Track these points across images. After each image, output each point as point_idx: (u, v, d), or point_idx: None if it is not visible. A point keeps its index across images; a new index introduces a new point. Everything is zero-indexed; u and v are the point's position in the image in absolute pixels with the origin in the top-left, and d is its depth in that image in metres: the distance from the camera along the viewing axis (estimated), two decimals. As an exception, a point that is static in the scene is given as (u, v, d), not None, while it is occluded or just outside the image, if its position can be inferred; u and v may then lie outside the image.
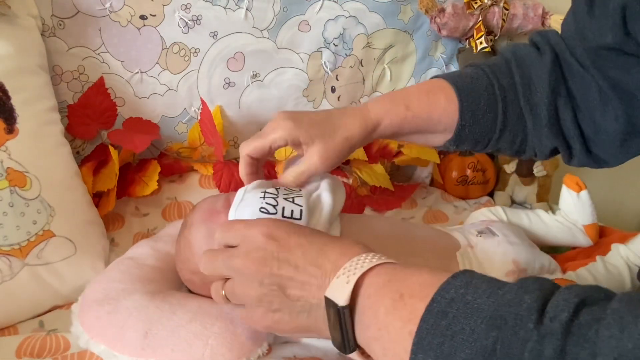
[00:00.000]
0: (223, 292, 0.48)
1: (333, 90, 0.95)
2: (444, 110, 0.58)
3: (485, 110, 0.58)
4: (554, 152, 0.60)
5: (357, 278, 0.40)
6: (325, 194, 0.57)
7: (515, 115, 0.59)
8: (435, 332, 0.34)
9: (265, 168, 0.91)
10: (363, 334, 0.39)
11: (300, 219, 0.52)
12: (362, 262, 0.41)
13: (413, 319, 0.35)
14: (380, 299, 0.38)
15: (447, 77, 0.60)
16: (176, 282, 0.65)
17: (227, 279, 0.48)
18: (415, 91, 0.60)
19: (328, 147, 0.56)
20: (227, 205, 0.62)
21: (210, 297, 0.61)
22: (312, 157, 0.56)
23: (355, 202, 0.86)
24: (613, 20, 0.49)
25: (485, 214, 0.79)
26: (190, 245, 0.61)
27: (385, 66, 0.97)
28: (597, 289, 0.34)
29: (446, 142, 0.60)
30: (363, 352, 0.41)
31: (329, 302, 0.40)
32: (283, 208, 0.52)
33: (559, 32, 0.60)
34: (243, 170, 0.59)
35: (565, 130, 0.58)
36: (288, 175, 0.58)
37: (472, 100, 0.58)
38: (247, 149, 0.57)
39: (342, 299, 0.39)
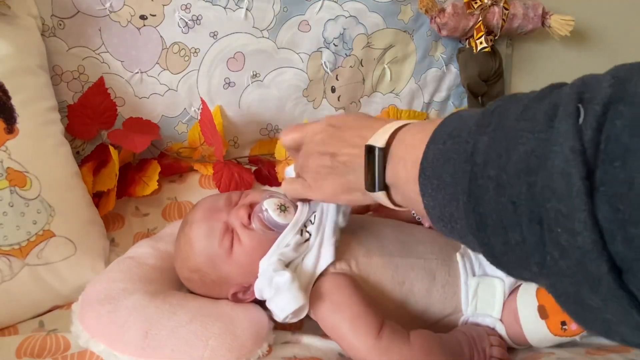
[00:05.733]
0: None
1: (333, 90, 0.95)
2: None
3: None
4: None
5: (395, 128, 0.45)
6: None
7: None
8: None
9: (266, 168, 0.91)
10: (391, 169, 0.44)
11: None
12: (398, 123, 0.46)
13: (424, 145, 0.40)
14: (406, 135, 0.44)
15: None
16: (177, 282, 0.65)
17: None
18: None
19: None
20: (229, 203, 0.63)
21: (210, 297, 0.62)
22: None
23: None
24: None
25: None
26: (191, 243, 0.61)
27: (385, 66, 0.97)
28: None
29: None
30: (389, 197, 0.46)
31: (368, 150, 0.45)
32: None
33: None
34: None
35: None
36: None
37: None
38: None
39: (380, 142, 0.44)
